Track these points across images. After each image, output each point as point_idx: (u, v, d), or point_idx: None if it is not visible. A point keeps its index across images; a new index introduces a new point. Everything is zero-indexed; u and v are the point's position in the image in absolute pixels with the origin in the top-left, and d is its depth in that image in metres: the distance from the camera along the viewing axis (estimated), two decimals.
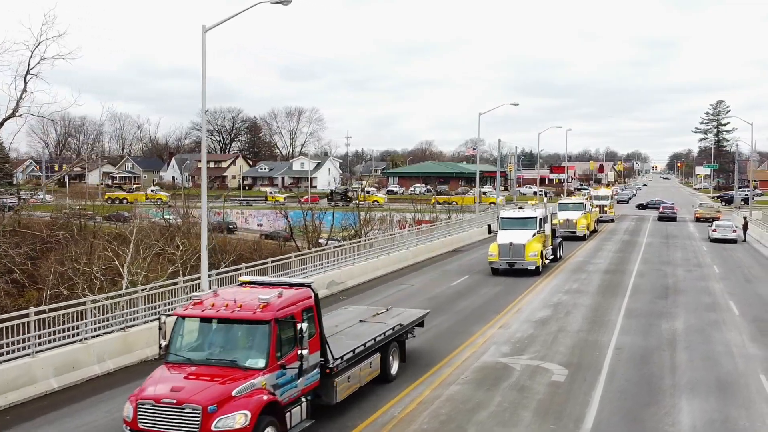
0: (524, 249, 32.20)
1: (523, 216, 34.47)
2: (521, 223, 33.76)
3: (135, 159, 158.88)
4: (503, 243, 32.69)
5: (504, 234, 33.30)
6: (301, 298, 13.31)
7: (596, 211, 58.98)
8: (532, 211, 34.97)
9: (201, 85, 21.45)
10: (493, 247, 33.45)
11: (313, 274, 28.40)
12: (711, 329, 22.28)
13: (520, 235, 32.66)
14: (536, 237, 33.26)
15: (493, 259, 32.98)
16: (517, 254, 32.24)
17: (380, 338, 15.97)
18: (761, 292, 29.58)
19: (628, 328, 22.28)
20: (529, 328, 22.27)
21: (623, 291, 29.10)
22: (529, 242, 32.47)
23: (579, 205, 51.87)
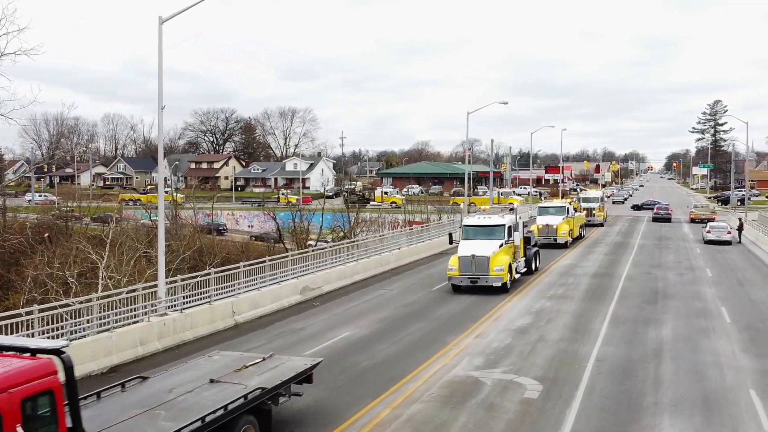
0: (489, 262, 27.70)
1: (488, 224, 29.80)
2: (486, 232, 29.38)
3: (127, 160, 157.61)
4: (464, 255, 28.18)
5: (466, 245, 28.90)
6: (24, 379, 7.98)
7: (582, 215, 53.79)
8: (500, 218, 30.26)
9: (158, 80, 20.13)
10: (453, 260, 28.69)
11: (285, 279, 27.12)
12: (700, 337, 21.03)
13: (485, 246, 28.30)
14: (504, 248, 28.84)
15: (453, 274, 28.43)
16: (480, 268, 27.80)
17: (214, 416, 11.01)
18: (755, 296, 28.34)
19: (611, 337, 21.02)
20: (506, 337, 21.01)
21: (610, 296, 27.85)
22: (494, 254, 28.02)
23: (560, 209, 47.03)
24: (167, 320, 20.29)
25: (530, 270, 32.74)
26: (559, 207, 47.50)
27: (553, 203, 50.79)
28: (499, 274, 27.78)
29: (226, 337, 21.55)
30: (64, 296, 35.15)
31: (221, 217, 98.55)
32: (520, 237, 30.94)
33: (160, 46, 20.18)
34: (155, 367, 18.15)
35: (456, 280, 28.36)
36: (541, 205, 50.30)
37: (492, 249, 28.11)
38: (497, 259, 28.08)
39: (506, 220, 29.96)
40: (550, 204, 50.01)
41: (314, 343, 20.58)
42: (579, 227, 50.10)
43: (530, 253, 32.94)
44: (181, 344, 20.48)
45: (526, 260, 32.30)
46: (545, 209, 47.67)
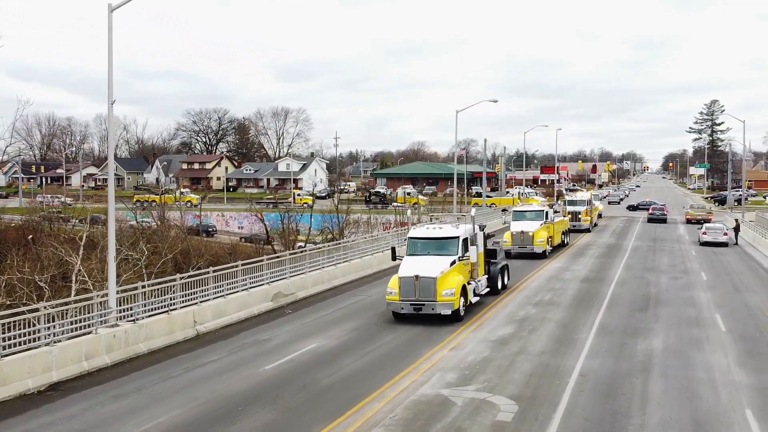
0: (435, 285, 22.31)
1: (438, 236, 24.44)
2: (436, 246, 24.12)
3: (118, 160, 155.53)
4: (406, 276, 22.71)
5: (410, 262, 23.59)
6: None
7: (565, 220, 48.31)
8: (453, 229, 24.82)
9: (108, 72, 18.63)
10: (393, 282, 23.21)
11: (255, 285, 25.60)
12: (692, 350, 19.56)
13: (432, 264, 23.06)
14: (457, 266, 23.60)
15: (393, 299, 22.86)
16: (425, 292, 22.43)
17: None
18: (751, 302, 26.89)
19: (598, 348, 19.55)
20: (485, 349, 19.52)
21: (599, 302, 26.38)
22: (444, 275, 22.69)
23: (538, 213, 41.34)
24: (118, 332, 18.78)
25: (495, 289, 27.50)
26: (537, 211, 41.84)
27: (530, 207, 44.53)
28: (448, 300, 22.35)
29: (183, 350, 20.06)
30: (37, 301, 33.73)
31: (211, 218, 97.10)
32: (479, 251, 25.66)
33: (110, 35, 18.67)
34: (101, 384, 16.72)
35: (395, 306, 22.86)
36: (517, 209, 43.87)
37: (441, 268, 22.88)
38: (447, 281, 22.65)
39: (460, 232, 24.54)
40: (527, 208, 44.01)
41: (277, 356, 19.10)
42: (561, 233, 44.83)
43: (495, 270, 27.81)
44: (133, 358, 18.97)
45: (490, 278, 27.28)
46: (521, 214, 42.02)
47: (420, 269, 22.79)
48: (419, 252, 24.22)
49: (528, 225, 39.69)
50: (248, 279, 25.41)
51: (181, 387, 16.45)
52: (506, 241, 38.89)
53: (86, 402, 15.43)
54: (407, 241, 25.15)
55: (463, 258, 24.08)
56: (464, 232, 24.71)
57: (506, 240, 39.19)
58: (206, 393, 15.90)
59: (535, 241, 38.99)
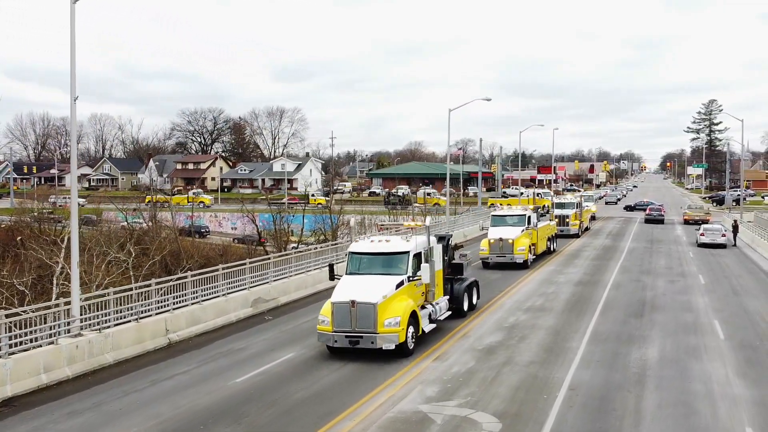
0: (375, 312, 18.23)
1: (384, 251, 20.22)
2: (382, 263, 20.01)
3: (112, 160, 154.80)
4: (341, 301, 18.64)
5: (348, 284, 19.44)
6: None
7: (552, 225, 43.86)
8: (402, 243, 20.42)
9: (70, 66, 17.58)
10: (325, 308, 19.13)
11: (234, 290, 24.55)
12: (690, 359, 18.54)
13: (374, 285, 19.00)
14: (405, 288, 19.42)
15: (324, 330, 18.72)
16: (364, 321, 18.32)
17: None
18: (750, 307, 25.88)
19: (590, 358, 18.52)
20: (470, 359, 18.48)
21: (593, 308, 25.35)
22: (387, 300, 18.57)
23: (519, 218, 37.07)
24: (81, 342, 17.73)
25: (460, 311, 23.35)
26: (518, 216, 37.47)
27: (511, 211, 39.39)
28: (391, 331, 18.25)
29: (152, 360, 19.00)
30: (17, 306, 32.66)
31: (204, 219, 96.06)
32: (435, 268, 21.28)
33: (72, 27, 17.62)
34: (58, 399, 15.66)
35: (327, 338, 18.69)
36: (496, 213, 39.32)
37: (384, 291, 18.73)
38: (391, 307, 18.61)
39: (411, 246, 20.18)
40: (507, 212, 39.05)
41: (250, 367, 18.05)
42: (546, 240, 40.67)
43: (459, 288, 23.51)
44: (97, 369, 17.91)
45: (453, 298, 23.17)
46: (500, 219, 37.77)
47: (358, 293, 18.68)
48: (362, 270, 20.13)
49: (508, 231, 35.69)
50: (229, 284, 24.39)
51: (144, 402, 15.40)
52: (483, 249, 35.64)
53: (38, 420, 14.39)
54: (347, 257, 20.79)
55: (413, 278, 19.82)
56: (416, 245, 20.37)
57: (483, 248, 35.70)
58: (169, 409, 14.85)
59: (516, 250, 34.96)
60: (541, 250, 39.18)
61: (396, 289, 19.10)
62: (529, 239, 36.52)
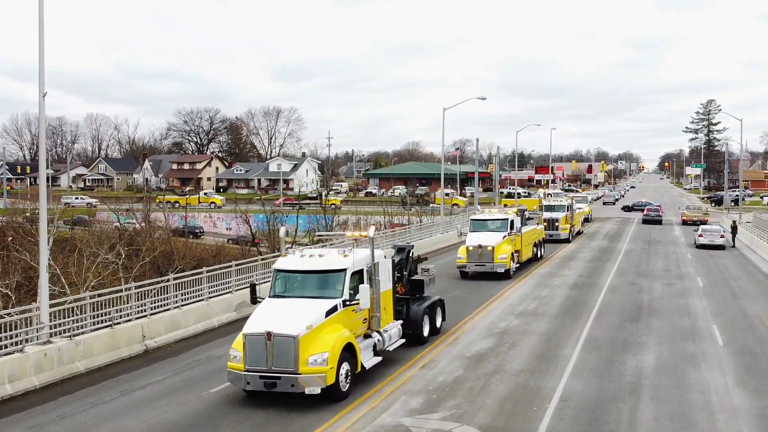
0: (296, 347, 14.41)
1: (315, 269, 16.31)
2: (313, 284, 16.26)
3: (108, 160, 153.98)
4: (254, 333, 14.81)
5: (268, 310, 15.71)
6: None
7: (539, 229, 40.69)
8: (339, 258, 16.40)
9: (39, 60, 16.79)
10: (238, 341, 15.23)
11: (216, 294, 23.73)
12: (687, 367, 17.76)
13: (298, 312, 15.22)
14: (339, 315, 15.59)
15: (235, 368, 14.92)
16: (282, 359, 14.48)
17: None
18: (750, 311, 25.12)
19: (583, 366, 17.73)
20: (458, 367, 17.68)
21: (588, 312, 24.56)
22: (312, 331, 14.78)
23: (501, 223, 33.43)
24: (50, 350, 16.91)
25: (419, 337, 19.67)
26: (500, 220, 33.70)
27: (492, 215, 34.96)
28: (317, 371, 14.43)
29: (126, 368, 18.18)
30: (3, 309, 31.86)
31: (198, 219, 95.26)
32: (383, 287, 17.42)
33: (41, 23, 16.81)
34: (21, 411, 14.85)
35: (237, 379, 14.98)
36: (475, 217, 35.17)
37: (309, 319, 14.88)
38: (318, 340, 14.74)
39: (348, 262, 16.25)
40: (488, 216, 34.74)
41: None
42: (532, 246, 37.51)
43: (418, 310, 19.76)
44: (67, 378, 17.08)
45: (409, 322, 19.46)
46: (480, 223, 33.97)
47: (277, 321, 14.78)
48: (287, 292, 16.31)
49: (488, 237, 32.16)
50: (213, 287, 23.59)
51: (111, 415, 14.59)
52: (460, 258, 32.22)
53: None
54: (272, 275, 17.00)
55: (351, 302, 15.89)
56: (356, 261, 16.42)
57: (460, 256, 32.28)
58: (136, 423, 14.04)
59: (496, 258, 31.48)
60: (527, 257, 35.87)
61: (326, 317, 15.16)
62: (512, 246, 33.04)
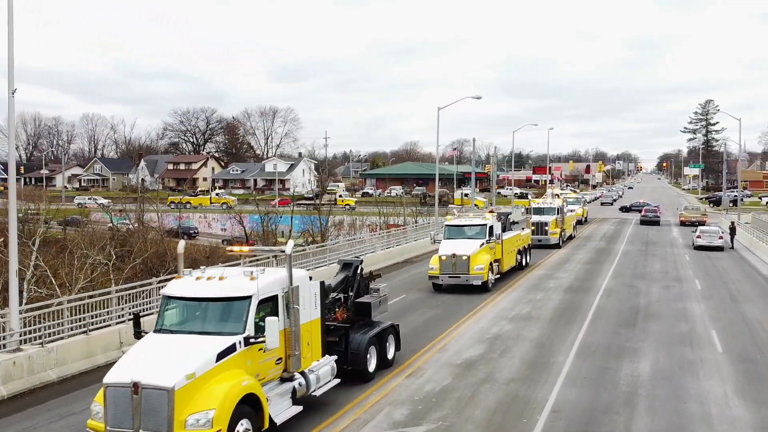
0: (170, 404, 10.99)
1: (213, 295, 12.77)
2: (210, 315, 12.79)
3: (103, 161, 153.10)
4: (118, 383, 11.42)
5: (145, 349, 12.32)
6: None
7: (525, 234, 36.62)
8: (244, 281, 12.79)
9: (8, 55, 16.09)
10: (99, 395, 11.90)
11: None
12: (685, 375, 17.08)
13: (182, 354, 11.86)
14: (237, 357, 12.07)
15: (96, 427, 11.61)
16: (151, 419, 11.05)
17: None
18: (749, 315, 24.44)
19: (576, 374, 17.04)
20: (446, 375, 16.99)
21: (582, 316, 23.87)
22: (195, 380, 11.37)
23: (479, 230, 29.87)
24: (20, 358, 16.19)
25: (363, 373, 16.20)
26: (477, 226, 30.17)
27: (469, 221, 31.29)
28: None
29: (101, 377, 17.34)
30: None
31: (193, 220, 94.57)
32: (307, 317, 13.92)
33: (11, 18, 16.11)
34: None
35: None
36: (451, 223, 31.46)
37: (193, 364, 11.46)
38: (204, 392, 11.39)
39: (253, 287, 12.53)
40: (465, 222, 31.12)
41: None
42: (516, 253, 34.06)
43: (361, 340, 16.14)
44: (38, 387, 16.36)
45: (350, 356, 15.96)
46: (457, 229, 30.46)
47: (148, 368, 11.37)
48: (175, 326, 12.71)
49: (463, 245, 28.82)
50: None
51: (79, 427, 13.84)
52: (433, 268, 29.00)
53: None
54: (161, 303, 13.33)
55: (256, 340, 12.22)
56: (264, 287, 12.62)
57: (433, 266, 28.99)
58: None
59: (472, 268, 28.17)
60: (509, 266, 32.62)
61: (218, 361, 11.61)
62: (491, 255, 29.64)
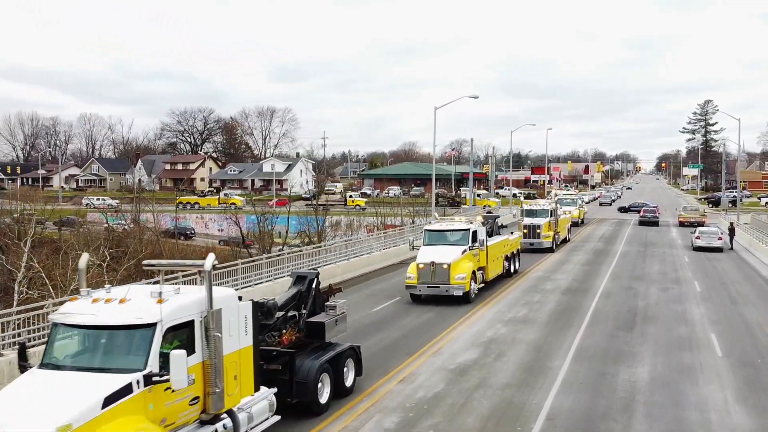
0: None
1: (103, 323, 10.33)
2: (102, 348, 10.36)
3: (100, 161, 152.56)
4: None
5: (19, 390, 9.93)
6: None
7: (514, 239, 34.24)
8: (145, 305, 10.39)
9: None
10: None
11: None
12: (684, 381, 16.64)
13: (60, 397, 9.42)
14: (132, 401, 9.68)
15: None
16: None
17: None
18: (750, 318, 24.01)
19: (573, 380, 16.61)
20: (440, 381, 16.55)
21: (580, 319, 23.44)
22: None
23: (461, 235, 27.49)
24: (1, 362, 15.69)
25: (314, 404, 14.15)
26: (459, 231, 27.68)
27: (450, 225, 28.72)
28: None
29: None
30: None
31: (189, 220, 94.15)
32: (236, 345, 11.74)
33: None
34: None
35: None
36: (431, 227, 29.14)
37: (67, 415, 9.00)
38: None
39: (156, 313, 10.23)
40: (444, 227, 28.56)
41: None
42: (504, 259, 31.62)
43: (310, 367, 14.03)
44: None
45: (297, 387, 13.82)
46: (437, 235, 28.08)
47: (12, 417, 9.15)
48: (63, 360, 10.49)
49: (443, 252, 26.43)
50: None
51: None
52: (410, 277, 26.55)
53: None
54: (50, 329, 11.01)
55: (159, 378, 9.98)
56: (173, 311, 10.47)
57: (410, 275, 26.57)
58: None
59: (453, 278, 25.68)
60: (495, 274, 29.91)
61: (105, 407, 9.35)
62: (474, 262, 27.00)
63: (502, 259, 31.47)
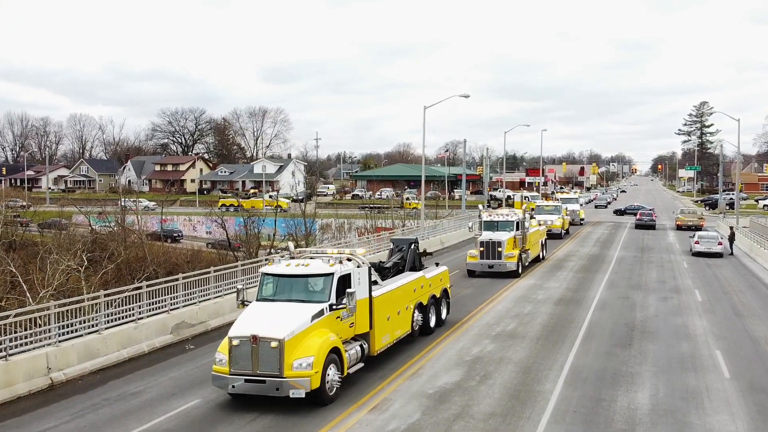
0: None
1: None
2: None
3: (90, 162, 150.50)
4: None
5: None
6: None
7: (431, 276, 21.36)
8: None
9: None
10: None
11: (144, 314, 20.70)
12: (689, 409, 14.88)
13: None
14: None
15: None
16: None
17: None
18: (757, 332, 22.27)
19: (565, 408, 14.83)
20: (415, 409, 14.74)
21: (573, 334, 21.68)
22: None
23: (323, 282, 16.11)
24: None
25: None
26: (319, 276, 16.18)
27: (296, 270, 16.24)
28: None
29: (19, 409, 15.13)
30: None
31: (177, 222, 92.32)
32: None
33: None
34: None
35: None
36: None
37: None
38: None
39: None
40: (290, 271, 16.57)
41: (136, 421, 14.24)
42: (442, 291, 22.21)
43: None
44: None
45: None
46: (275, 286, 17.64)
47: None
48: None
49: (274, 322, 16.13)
50: (150, 305, 20.61)
51: None
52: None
53: None
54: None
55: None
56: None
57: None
58: None
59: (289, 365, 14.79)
60: (403, 334, 19.27)
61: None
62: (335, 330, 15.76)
63: (410, 310, 19.79)
